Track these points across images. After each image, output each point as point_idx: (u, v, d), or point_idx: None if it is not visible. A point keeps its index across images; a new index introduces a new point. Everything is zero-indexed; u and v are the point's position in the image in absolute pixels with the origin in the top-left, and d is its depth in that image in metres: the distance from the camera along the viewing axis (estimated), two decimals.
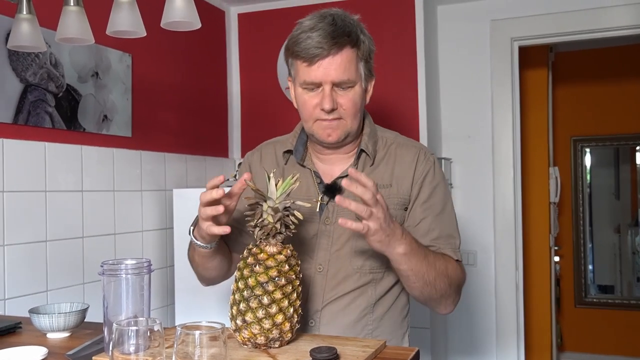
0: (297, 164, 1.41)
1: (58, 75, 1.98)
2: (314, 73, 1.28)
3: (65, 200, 1.99)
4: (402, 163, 1.39)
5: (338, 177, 1.37)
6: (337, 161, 1.40)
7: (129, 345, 0.93)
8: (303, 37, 1.27)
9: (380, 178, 1.37)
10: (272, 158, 1.47)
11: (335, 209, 1.36)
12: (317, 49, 1.25)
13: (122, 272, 1.12)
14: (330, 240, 1.36)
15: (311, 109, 1.31)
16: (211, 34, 2.88)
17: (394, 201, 1.36)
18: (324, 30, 1.25)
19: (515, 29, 2.83)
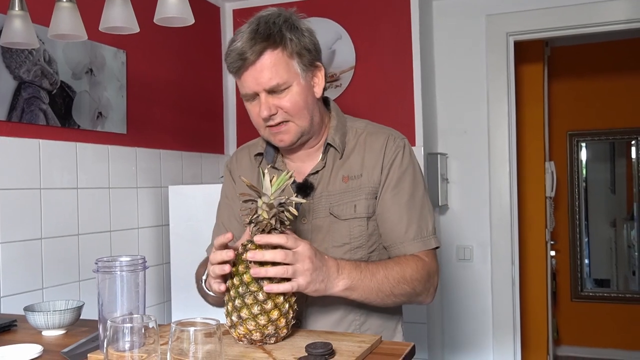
0: (269, 165, 1.40)
1: (52, 72, 1.97)
2: (245, 84, 1.26)
3: (60, 197, 1.99)
4: (372, 151, 1.35)
5: (309, 175, 1.35)
6: (306, 157, 1.38)
7: (123, 342, 0.92)
8: (229, 50, 1.25)
9: (350, 169, 1.35)
10: (247, 162, 1.46)
11: (310, 208, 1.34)
12: (238, 61, 1.23)
13: (116, 269, 1.12)
14: (309, 237, 1.33)
15: (256, 117, 1.30)
16: (206, 30, 2.87)
17: (365, 191, 1.33)
18: (241, 41, 1.23)
19: (510, 24, 2.83)
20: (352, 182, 1.34)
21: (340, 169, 1.35)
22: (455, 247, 2.96)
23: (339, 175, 1.35)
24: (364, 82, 2.79)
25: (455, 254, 2.97)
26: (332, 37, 2.83)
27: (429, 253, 1.33)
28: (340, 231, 1.32)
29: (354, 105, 2.80)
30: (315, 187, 1.34)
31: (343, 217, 1.32)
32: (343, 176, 1.34)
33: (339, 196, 1.33)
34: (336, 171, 1.35)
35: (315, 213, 1.33)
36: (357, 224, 1.33)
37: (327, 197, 1.33)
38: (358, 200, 1.33)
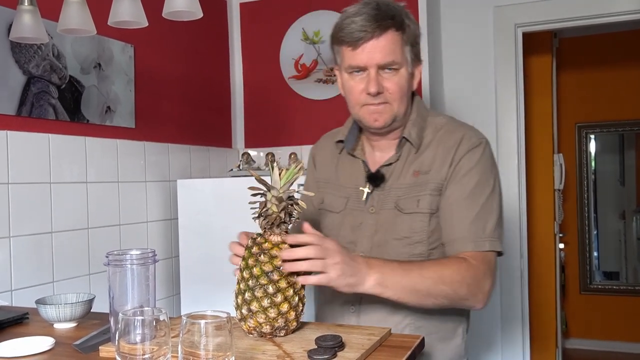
0: (349, 153, 1.43)
1: (61, 67, 1.98)
2: (358, 56, 1.28)
3: (70, 191, 2.00)
4: (445, 147, 1.35)
5: (381, 166, 1.38)
6: (385, 147, 1.40)
7: (135, 335, 0.93)
8: (347, 22, 1.28)
9: (422, 164, 1.35)
10: (329, 149, 1.49)
11: (380, 198, 1.36)
12: (360, 32, 1.26)
13: (127, 262, 1.13)
14: (374, 228, 1.36)
15: (357, 94, 1.32)
16: (213, 24, 2.87)
17: (430, 186, 1.33)
18: (367, 15, 1.26)
19: (518, 15, 2.80)
20: (424, 177, 1.34)
21: (413, 163, 1.36)
22: None
23: (410, 170, 1.36)
24: None
25: None
26: None
27: (479, 255, 1.28)
28: (402, 224, 1.33)
29: None
30: (387, 178, 1.36)
31: (406, 211, 1.33)
32: (414, 171, 1.36)
33: (407, 190, 1.35)
34: (409, 165, 1.36)
35: (382, 204, 1.35)
36: (419, 219, 1.33)
37: (395, 189, 1.35)
38: (422, 195, 1.33)
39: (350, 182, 1.41)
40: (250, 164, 2.76)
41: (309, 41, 2.87)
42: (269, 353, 1.05)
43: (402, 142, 1.38)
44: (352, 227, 1.38)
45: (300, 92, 2.90)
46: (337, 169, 1.45)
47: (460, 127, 1.40)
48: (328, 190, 1.45)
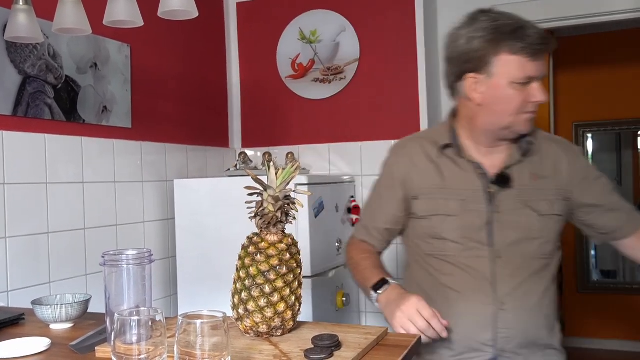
0: (455, 157, 1.45)
1: (57, 67, 1.97)
2: (532, 68, 1.32)
3: (66, 192, 1.99)
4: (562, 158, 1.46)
5: (506, 167, 1.43)
6: (495, 152, 1.45)
7: (131, 335, 0.93)
8: (528, 33, 1.30)
9: (539, 169, 1.44)
10: (420, 154, 1.49)
11: (505, 199, 1.41)
12: (541, 45, 1.30)
13: (123, 262, 1.12)
14: (506, 228, 1.40)
15: (519, 103, 1.34)
16: (210, 23, 2.87)
17: (557, 192, 1.43)
18: (535, 27, 1.31)
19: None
20: (543, 181, 1.43)
21: (528, 166, 1.43)
22: None
23: (527, 172, 1.43)
24: (368, 75, 2.78)
25: None
26: (336, 30, 2.82)
27: None
28: (537, 225, 1.40)
29: (359, 98, 2.80)
30: (513, 179, 1.41)
31: (542, 213, 1.41)
32: (531, 174, 1.43)
33: (534, 192, 1.42)
34: (525, 168, 1.43)
35: (509, 205, 1.41)
36: (553, 221, 1.43)
37: (520, 191, 1.41)
38: (554, 199, 1.42)
39: (463, 184, 1.43)
40: (247, 163, 2.75)
41: (305, 41, 2.87)
42: (266, 353, 1.05)
43: (524, 146, 1.44)
44: (479, 227, 1.41)
45: (297, 92, 2.89)
46: (442, 174, 1.46)
47: (557, 137, 1.57)
48: (436, 196, 1.45)
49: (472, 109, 1.41)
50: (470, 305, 1.41)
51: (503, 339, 1.39)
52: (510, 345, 1.40)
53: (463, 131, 1.47)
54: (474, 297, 1.40)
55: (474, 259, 1.40)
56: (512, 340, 1.39)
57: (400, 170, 1.50)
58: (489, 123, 1.40)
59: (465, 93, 1.41)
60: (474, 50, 1.35)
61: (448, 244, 1.43)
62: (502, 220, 1.40)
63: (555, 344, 1.49)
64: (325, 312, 2.35)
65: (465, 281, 1.41)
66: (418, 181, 1.47)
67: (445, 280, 1.44)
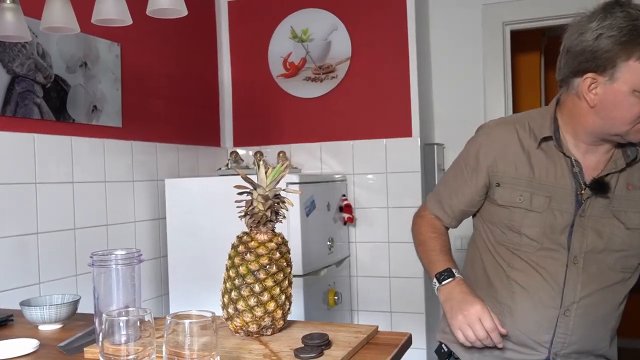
0: (553, 150, 1.35)
1: (46, 66, 1.96)
2: None
3: (56, 191, 1.98)
4: None
5: (607, 174, 1.32)
6: (595, 152, 1.35)
7: (119, 335, 0.92)
8: None
9: (637, 178, 1.34)
10: (513, 140, 1.38)
11: (595, 206, 1.32)
12: None
13: (112, 262, 1.12)
14: (589, 235, 1.32)
15: (637, 112, 1.22)
16: (201, 22, 2.86)
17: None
18: None
19: (506, 13, 2.81)
20: (635, 191, 1.33)
21: (625, 174, 1.33)
22: (453, 237, 2.95)
23: (623, 181, 1.33)
24: (360, 73, 2.78)
25: (452, 244, 2.96)
26: (328, 28, 2.81)
27: None
28: (622, 237, 1.32)
29: (350, 96, 2.79)
30: (611, 188, 1.31)
31: (629, 226, 1.32)
32: (628, 183, 1.33)
33: (624, 203, 1.33)
34: (622, 176, 1.33)
35: (598, 212, 1.31)
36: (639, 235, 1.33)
37: (611, 199, 1.32)
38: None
39: (552, 179, 1.34)
40: (239, 162, 2.75)
41: (297, 39, 2.86)
42: (256, 352, 1.04)
43: (629, 153, 1.33)
44: (561, 229, 1.33)
45: (288, 91, 2.89)
46: (532, 164, 1.35)
47: None
48: (521, 187, 1.35)
49: (583, 108, 1.29)
50: (535, 305, 1.35)
51: (560, 344, 1.35)
52: (565, 351, 1.36)
53: (564, 125, 1.35)
54: (540, 298, 1.35)
55: (549, 260, 1.34)
56: (569, 346, 1.35)
57: (489, 154, 1.40)
58: (598, 126, 1.29)
59: (579, 91, 1.28)
60: (602, 49, 1.22)
61: (524, 240, 1.35)
62: (585, 225, 1.32)
63: (611, 354, 1.44)
64: (317, 311, 2.35)
65: (535, 280, 1.35)
66: (505, 168, 1.37)
67: (514, 274, 1.37)
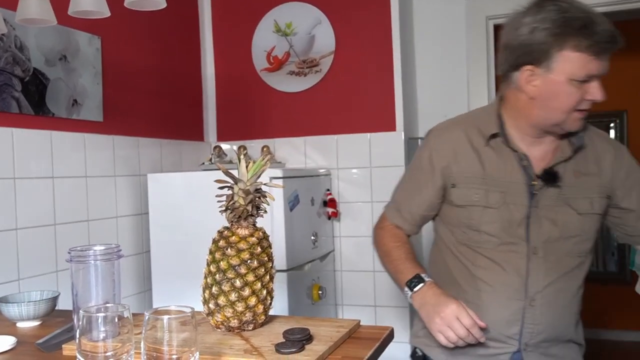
0: (500, 146, 1.40)
1: (24, 59, 1.93)
2: (598, 66, 1.26)
3: (36, 187, 1.95)
4: (604, 153, 1.42)
5: (555, 164, 1.38)
6: (542, 144, 1.40)
7: (97, 332, 0.91)
8: (597, 29, 1.23)
9: (582, 165, 1.40)
10: (463, 140, 1.43)
11: (547, 195, 1.37)
12: (609, 43, 1.24)
13: (90, 258, 1.10)
14: (545, 225, 1.37)
15: (574, 101, 1.28)
16: (184, 15, 2.83)
17: (599, 189, 1.39)
18: (606, 23, 1.23)
19: (490, 8, 2.82)
20: (585, 178, 1.38)
21: (572, 162, 1.39)
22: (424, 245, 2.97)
23: (570, 169, 1.39)
24: (344, 67, 2.77)
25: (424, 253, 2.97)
26: (312, 22, 2.80)
27: None
28: (575, 223, 1.37)
29: (335, 90, 2.79)
30: (561, 177, 1.37)
31: (581, 212, 1.37)
32: (574, 171, 1.39)
33: (574, 190, 1.38)
34: (570, 164, 1.39)
35: (551, 201, 1.37)
36: (592, 220, 1.39)
37: (562, 188, 1.37)
38: (594, 198, 1.38)
39: (504, 175, 1.38)
40: (222, 157, 2.73)
41: (281, 33, 2.85)
42: (236, 347, 1.04)
43: (574, 142, 1.39)
44: (518, 222, 1.37)
45: (272, 85, 2.87)
46: (483, 162, 1.40)
47: (602, 132, 1.50)
48: (474, 185, 1.40)
49: (524, 101, 1.34)
50: (501, 299, 1.39)
51: (528, 334, 1.39)
52: (534, 340, 1.39)
53: (509, 120, 1.40)
54: (505, 292, 1.38)
55: (510, 254, 1.37)
56: (537, 335, 1.39)
57: (442, 156, 1.44)
58: (539, 117, 1.34)
59: (519, 84, 1.34)
60: (537, 42, 1.27)
61: (484, 237, 1.39)
62: (540, 216, 1.37)
63: (578, 338, 1.49)
64: (301, 306, 2.34)
65: (499, 275, 1.39)
66: (459, 169, 1.42)
67: (478, 272, 1.41)
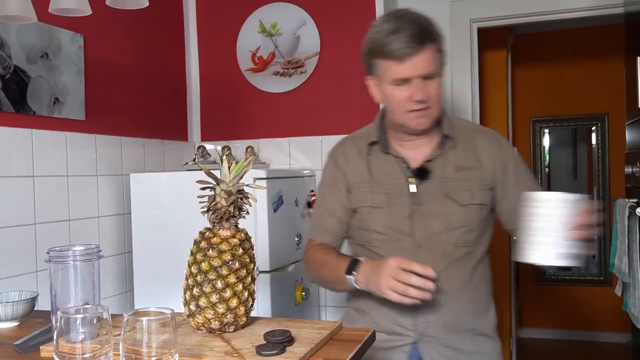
0: (382, 152, 1.55)
1: (5, 56, 1.90)
2: (405, 69, 1.41)
3: (16, 185, 1.93)
4: (482, 147, 1.52)
5: (426, 161, 1.50)
6: (420, 146, 1.53)
7: (76, 333, 0.90)
8: (391, 39, 1.40)
9: (462, 160, 1.50)
10: (354, 151, 1.60)
11: (427, 191, 1.49)
12: (406, 48, 1.39)
13: (69, 258, 1.09)
14: (427, 218, 1.47)
15: (402, 102, 1.44)
16: (168, 13, 2.81)
17: (480, 182, 1.49)
18: (408, 31, 1.39)
19: (474, 11, 2.84)
20: (466, 172, 1.49)
21: (452, 158, 1.50)
22: None
23: (451, 164, 1.50)
24: (329, 68, 2.77)
25: None
26: (297, 23, 2.80)
27: None
28: (458, 215, 1.47)
29: (320, 91, 2.79)
30: (432, 173, 1.49)
31: (462, 203, 1.47)
32: (456, 166, 1.50)
33: (455, 183, 1.48)
34: (449, 160, 1.50)
35: (431, 196, 1.48)
36: (474, 210, 1.48)
37: (442, 183, 1.48)
38: (475, 189, 1.48)
39: (389, 179, 1.52)
40: (206, 157, 2.72)
41: (266, 33, 2.84)
42: (217, 349, 1.03)
43: (443, 140, 1.51)
44: (403, 219, 1.49)
45: (257, 85, 2.87)
46: (370, 169, 1.55)
47: (481, 127, 1.61)
48: (364, 189, 1.55)
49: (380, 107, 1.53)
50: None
51: (422, 324, 1.46)
52: (430, 330, 1.46)
53: (388, 128, 1.57)
54: None
55: (397, 250, 1.45)
56: (432, 324, 1.46)
57: (339, 166, 1.60)
58: (391, 120, 1.53)
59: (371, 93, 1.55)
60: (363, 56, 1.51)
61: (373, 235, 1.52)
62: (424, 211, 1.48)
63: (486, 330, 1.55)
64: (285, 307, 2.34)
65: None
66: (351, 176, 1.57)
67: None
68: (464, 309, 1.50)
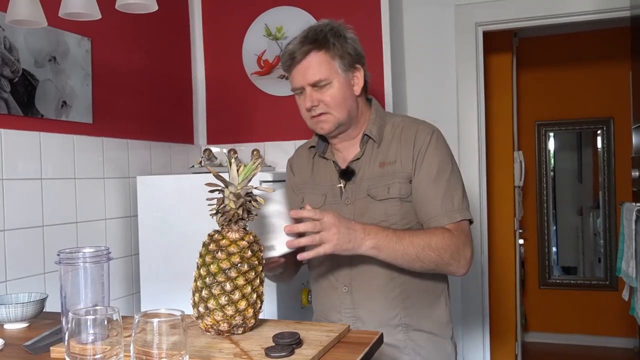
0: (321, 157, 1.63)
1: (13, 60, 1.91)
2: (294, 79, 1.51)
3: (24, 188, 1.94)
4: (405, 141, 1.54)
5: (350, 162, 1.56)
6: (350, 147, 1.59)
7: (87, 334, 0.91)
8: (282, 53, 1.53)
9: (386, 156, 1.54)
10: (304, 156, 1.70)
11: (353, 190, 1.54)
12: (288, 60, 1.50)
13: (79, 260, 1.10)
14: (352, 217, 1.49)
15: (303, 109, 1.54)
16: (174, 18, 2.83)
17: (398, 176, 1.51)
18: (296, 41, 1.50)
19: (479, 14, 2.84)
20: (388, 167, 1.53)
21: (377, 156, 1.54)
22: None
23: (376, 162, 1.54)
24: None
25: None
26: (302, 26, 2.77)
27: (457, 227, 1.47)
28: (377, 210, 1.50)
29: None
30: (357, 172, 1.55)
31: (378, 198, 1.51)
32: (380, 162, 1.54)
33: (376, 180, 1.53)
34: (374, 158, 1.55)
35: (356, 194, 1.53)
36: (391, 204, 1.50)
37: (366, 181, 1.53)
38: (392, 183, 1.51)
39: (326, 180, 1.60)
40: (212, 160, 2.72)
41: (271, 37, 2.85)
42: (226, 351, 1.04)
43: (365, 139, 1.56)
44: None
45: (262, 88, 2.88)
46: (313, 172, 1.65)
47: (414, 122, 1.59)
48: (306, 191, 1.64)
49: None
50: (326, 290, 1.58)
51: (350, 319, 1.51)
52: (358, 325, 1.51)
53: None
54: (329, 280, 1.56)
55: None
56: (359, 320, 1.51)
57: (292, 170, 1.72)
58: None
59: None
60: None
61: None
62: (352, 210, 1.53)
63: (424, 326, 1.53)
64: (290, 310, 2.34)
65: (324, 265, 1.57)
66: (298, 178, 1.68)
67: (314, 270, 1.62)
68: (388, 305, 1.51)
